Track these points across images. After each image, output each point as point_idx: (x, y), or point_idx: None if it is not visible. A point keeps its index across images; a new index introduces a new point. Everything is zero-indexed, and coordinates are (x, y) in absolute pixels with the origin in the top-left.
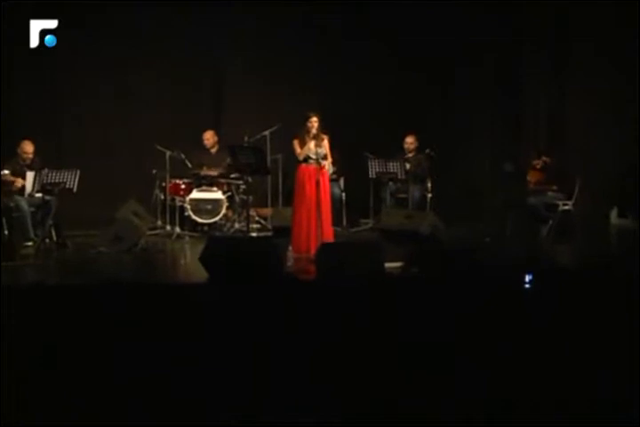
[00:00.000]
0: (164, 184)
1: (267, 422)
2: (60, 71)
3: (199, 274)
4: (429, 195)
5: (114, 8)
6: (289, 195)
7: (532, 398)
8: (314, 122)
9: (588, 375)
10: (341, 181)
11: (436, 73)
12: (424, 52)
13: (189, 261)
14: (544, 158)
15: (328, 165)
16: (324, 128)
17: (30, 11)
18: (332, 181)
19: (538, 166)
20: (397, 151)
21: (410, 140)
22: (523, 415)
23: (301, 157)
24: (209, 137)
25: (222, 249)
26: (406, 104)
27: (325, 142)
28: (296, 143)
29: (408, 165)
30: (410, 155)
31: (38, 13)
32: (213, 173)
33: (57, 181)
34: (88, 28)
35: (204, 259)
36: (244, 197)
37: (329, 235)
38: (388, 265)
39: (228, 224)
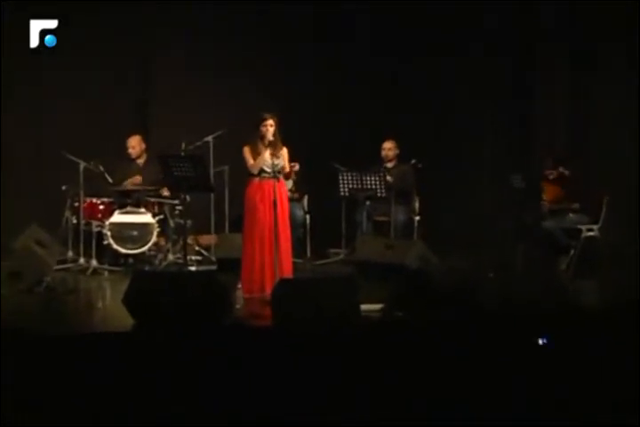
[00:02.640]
0: (76, 204)
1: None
2: None
3: (122, 320)
4: (417, 218)
5: None
6: (238, 218)
7: None
8: (269, 125)
9: None
10: (305, 201)
11: (424, 66)
12: (409, 40)
13: (109, 304)
14: (561, 170)
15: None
16: (282, 135)
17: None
18: (292, 200)
19: (551, 177)
20: (375, 162)
21: (388, 146)
22: None
23: (254, 170)
24: (134, 144)
25: (152, 288)
26: (386, 104)
27: (284, 152)
28: (247, 152)
29: (389, 178)
30: (389, 164)
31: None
32: (140, 189)
33: None
34: None
35: (129, 301)
36: (181, 221)
37: (288, 269)
38: (364, 308)
39: (160, 255)
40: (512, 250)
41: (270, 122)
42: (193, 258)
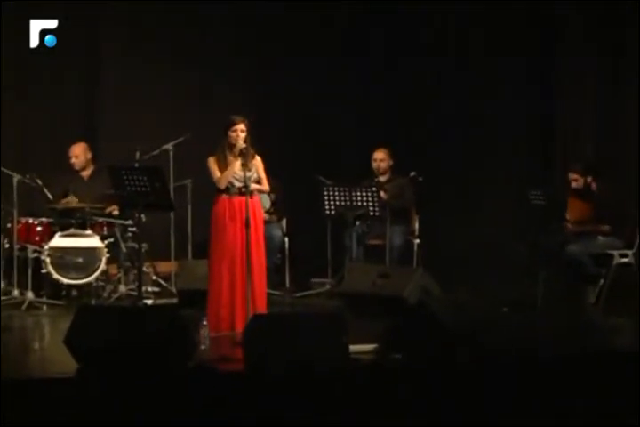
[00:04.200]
0: (9, 225)
1: None
2: None
3: (63, 364)
4: (416, 241)
5: None
6: (203, 242)
7: None
8: (240, 131)
9: None
10: (283, 222)
11: (423, 66)
12: (408, 32)
13: (49, 345)
14: (589, 180)
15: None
16: (254, 143)
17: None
18: (270, 223)
19: (574, 185)
20: (367, 175)
21: (380, 156)
22: None
23: (221, 185)
24: (78, 153)
25: (100, 325)
26: (380, 107)
27: (257, 162)
28: (212, 163)
29: (383, 194)
30: (383, 177)
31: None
32: (86, 207)
33: None
34: None
35: (72, 341)
36: (135, 246)
37: (263, 303)
38: (354, 349)
39: (110, 287)
40: (530, 280)
41: (241, 126)
42: (149, 289)
